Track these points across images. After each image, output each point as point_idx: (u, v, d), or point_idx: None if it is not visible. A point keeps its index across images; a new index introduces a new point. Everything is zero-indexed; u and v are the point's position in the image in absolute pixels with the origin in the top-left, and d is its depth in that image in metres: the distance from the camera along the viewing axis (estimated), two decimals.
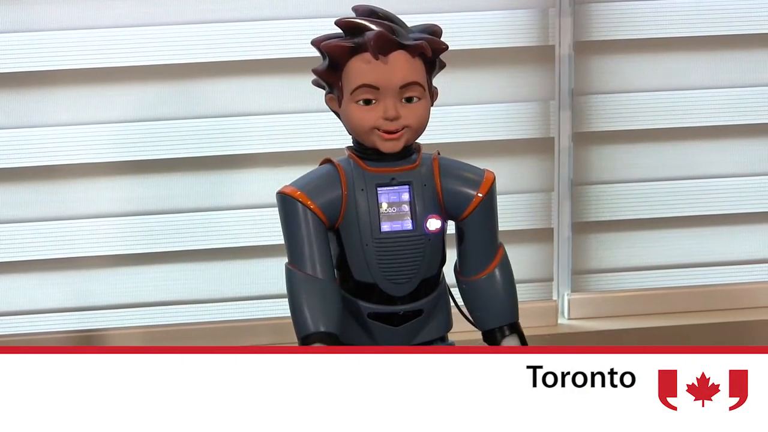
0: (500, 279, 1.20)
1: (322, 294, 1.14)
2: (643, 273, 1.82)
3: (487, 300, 1.20)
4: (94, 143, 1.66)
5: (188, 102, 1.65)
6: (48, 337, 1.71)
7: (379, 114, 1.13)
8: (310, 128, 1.65)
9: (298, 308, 1.13)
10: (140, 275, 1.71)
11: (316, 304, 1.13)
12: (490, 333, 1.20)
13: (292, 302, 1.14)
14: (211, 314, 1.74)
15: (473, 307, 1.21)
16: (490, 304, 1.20)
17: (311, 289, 1.14)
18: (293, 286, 1.14)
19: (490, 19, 1.68)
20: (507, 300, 1.20)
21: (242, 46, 1.64)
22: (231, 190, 1.68)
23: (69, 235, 1.68)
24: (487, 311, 1.20)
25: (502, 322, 1.19)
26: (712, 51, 1.73)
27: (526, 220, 1.75)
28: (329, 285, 1.14)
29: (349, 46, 1.12)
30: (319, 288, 1.14)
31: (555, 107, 1.73)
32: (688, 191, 1.78)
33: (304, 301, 1.13)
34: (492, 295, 1.20)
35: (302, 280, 1.14)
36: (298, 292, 1.14)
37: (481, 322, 1.21)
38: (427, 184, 1.17)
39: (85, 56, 1.63)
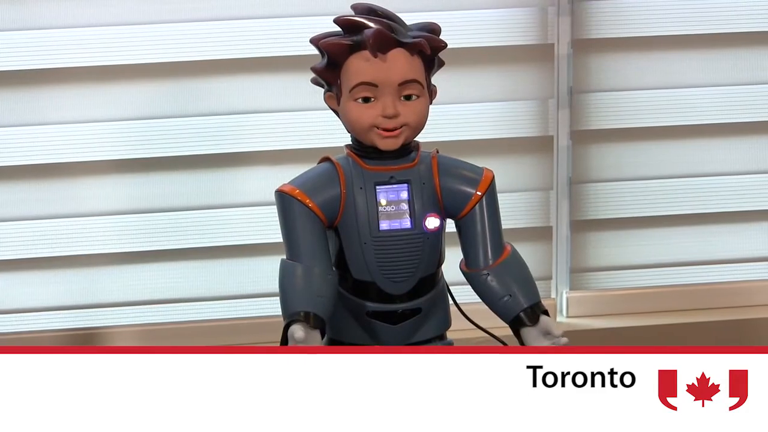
0: (517, 265, 1.19)
1: (307, 277, 1.13)
2: (642, 271, 1.82)
3: (511, 284, 1.17)
4: (96, 141, 1.66)
5: (188, 100, 1.65)
6: (50, 335, 1.71)
7: (378, 112, 1.13)
8: (309, 126, 1.65)
9: (284, 293, 1.13)
10: (141, 273, 1.71)
11: (300, 287, 1.12)
12: (518, 318, 1.16)
13: (280, 289, 1.14)
14: (211, 312, 1.74)
15: (496, 296, 1.17)
16: (516, 288, 1.17)
17: (300, 275, 1.13)
18: (282, 275, 1.14)
19: (489, 17, 1.68)
20: (529, 282, 1.18)
21: (242, 44, 1.64)
22: (231, 188, 1.68)
23: (71, 233, 1.68)
24: (514, 295, 1.16)
25: (534, 299, 1.17)
26: (710, 49, 1.73)
27: (525, 219, 1.75)
28: (323, 273, 1.13)
29: (347, 44, 1.12)
30: (305, 272, 1.13)
31: (554, 105, 1.73)
32: (687, 189, 1.78)
33: (289, 285, 1.13)
34: (513, 279, 1.17)
35: (293, 266, 1.14)
36: (285, 278, 1.13)
37: (507, 307, 1.17)
38: (425, 183, 1.16)
39: (88, 54, 1.63)
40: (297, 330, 1.07)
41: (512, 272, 1.18)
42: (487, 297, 1.18)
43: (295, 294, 1.12)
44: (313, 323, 1.10)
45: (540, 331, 1.15)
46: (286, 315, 1.11)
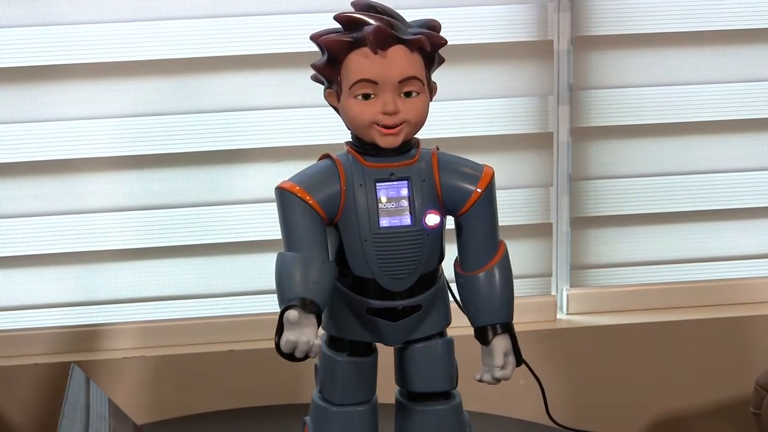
0: (498, 277, 1.18)
1: (306, 266, 1.11)
2: (642, 268, 1.82)
3: (483, 296, 1.18)
4: (95, 138, 1.66)
5: (188, 96, 1.66)
6: (53, 332, 1.71)
7: (378, 109, 1.12)
8: (309, 123, 1.65)
9: (279, 283, 1.11)
10: (142, 269, 1.71)
11: (298, 274, 1.11)
12: (482, 330, 1.17)
13: (278, 278, 1.12)
14: (212, 309, 1.74)
15: (468, 302, 1.19)
16: (486, 301, 1.18)
17: (296, 263, 1.12)
18: (281, 265, 1.13)
19: (489, 14, 1.68)
20: (503, 299, 1.18)
21: (244, 41, 1.65)
22: (231, 184, 1.68)
23: (69, 230, 1.69)
24: (481, 308, 1.18)
25: (495, 320, 1.17)
26: (711, 45, 1.73)
27: (525, 215, 1.75)
28: (319, 261, 1.12)
29: (347, 40, 1.12)
30: (305, 261, 1.12)
31: (554, 102, 1.73)
32: (687, 186, 1.78)
33: (285, 275, 1.11)
34: (489, 291, 1.18)
35: (289, 256, 1.13)
36: (284, 267, 1.12)
37: (474, 317, 1.19)
38: (426, 180, 1.16)
39: (87, 51, 1.63)
40: (291, 313, 1.06)
41: (486, 285, 1.18)
42: (462, 299, 1.20)
43: (291, 281, 1.11)
44: (308, 309, 1.08)
45: (488, 351, 1.17)
46: (282, 302, 1.10)
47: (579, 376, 1.78)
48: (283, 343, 1.06)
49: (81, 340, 1.72)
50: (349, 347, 1.19)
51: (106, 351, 1.72)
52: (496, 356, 1.16)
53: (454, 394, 1.22)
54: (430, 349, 1.20)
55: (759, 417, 1.53)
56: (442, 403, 1.21)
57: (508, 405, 1.63)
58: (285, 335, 1.06)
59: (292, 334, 1.06)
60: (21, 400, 1.70)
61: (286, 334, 1.06)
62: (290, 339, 1.06)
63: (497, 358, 1.16)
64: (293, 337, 1.06)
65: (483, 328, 1.18)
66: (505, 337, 1.17)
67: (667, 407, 1.81)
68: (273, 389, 1.64)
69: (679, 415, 1.81)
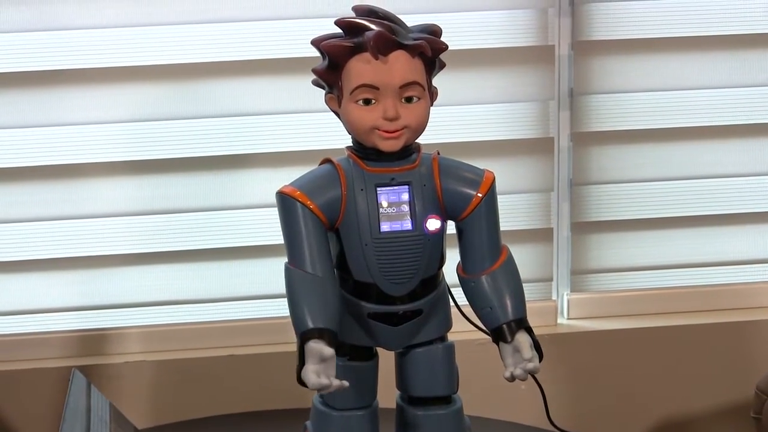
0: (510, 276, 1.18)
1: (320, 291, 1.13)
2: (643, 273, 1.82)
3: (499, 295, 1.16)
4: (102, 143, 1.67)
5: (191, 102, 1.66)
6: (58, 336, 1.72)
7: (379, 114, 1.12)
8: (310, 128, 1.65)
9: (297, 305, 1.12)
10: (144, 274, 1.71)
11: (315, 302, 1.12)
12: (502, 328, 1.15)
13: (291, 300, 1.13)
14: (213, 314, 1.74)
15: (480, 304, 1.18)
16: (500, 300, 1.16)
17: (310, 287, 1.13)
18: (292, 284, 1.14)
19: (490, 19, 1.68)
20: (518, 295, 1.17)
21: (245, 47, 1.65)
22: (235, 189, 1.68)
23: (77, 235, 1.69)
24: (498, 307, 1.16)
25: (514, 316, 1.16)
26: (711, 50, 1.73)
27: (526, 220, 1.75)
28: (328, 283, 1.14)
29: (348, 45, 1.12)
30: (318, 285, 1.13)
31: (554, 107, 1.73)
32: (687, 191, 1.78)
33: (303, 298, 1.12)
34: (503, 290, 1.17)
35: (301, 277, 1.13)
36: (297, 289, 1.13)
37: (491, 317, 1.17)
38: (426, 184, 1.16)
39: (95, 56, 1.64)
40: (325, 349, 1.08)
41: (497, 284, 1.17)
42: (471, 304, 1.19)
43: (312, 309, 1.11)
44: (328, 340, 1.09)
45: (513, 348, 1.15)
46: (302, 329, 1.11)
47: (580, 381, 1.78)
48: (312, 385, 1.07)
49: (82, 345, 1.72)
50: (349, 352, 1.19)
51: (107, 355, 1.72)
52: (525, 349, 1.13)
53: (455, 399, 1.22)
54: (431, 354, 1.20)
55: (760, 422, 1.53)
56: (442, 408, 1.21)
57: (509, 410, 1.63)
58: (312, 376, 1.07)
59: (318, 375, 1.07)
60: (22, 404, 1.70)
61: (312, 375, 1.07)
62: (323, 383, 1.07)
63: (526, 352, 1.13)
64: (325, 381, 1.07)
65: (502, 326, 1.16)
66: (523, 334, 1.15)
67: (667, 412, 1.81)
68: (274, 393, 1.64)
69: (679, 419, 1.81)
